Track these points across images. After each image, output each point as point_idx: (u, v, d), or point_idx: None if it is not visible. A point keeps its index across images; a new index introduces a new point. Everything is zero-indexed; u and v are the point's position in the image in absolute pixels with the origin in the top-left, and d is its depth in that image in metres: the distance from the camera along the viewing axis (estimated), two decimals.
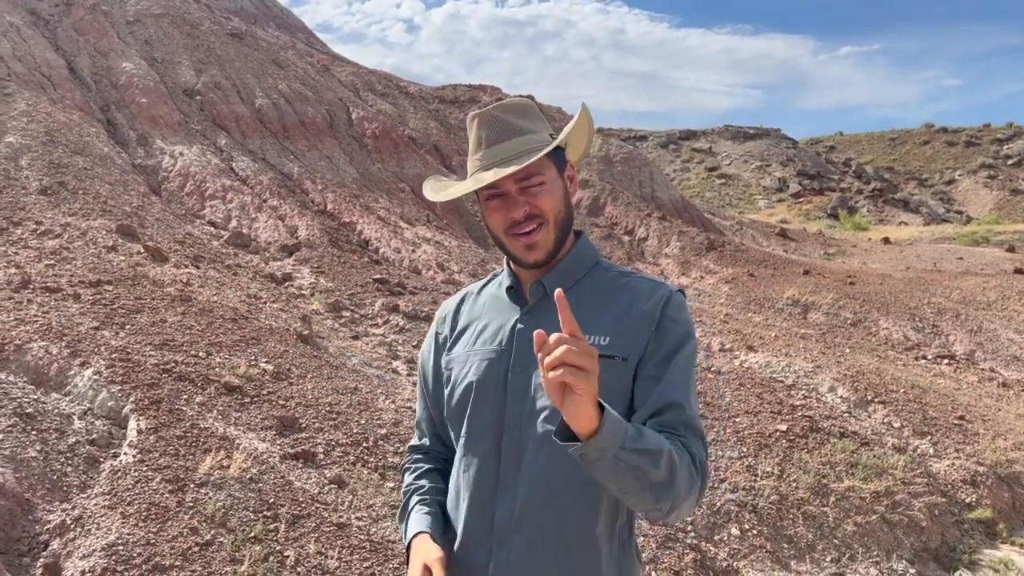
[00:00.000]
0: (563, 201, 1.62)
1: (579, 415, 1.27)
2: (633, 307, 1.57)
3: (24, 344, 4.79)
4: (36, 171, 8.35)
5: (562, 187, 1.62)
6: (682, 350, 1.54)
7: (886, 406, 6.61)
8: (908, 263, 15.98)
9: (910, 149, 46.13)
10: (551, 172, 1.60)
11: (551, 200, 1.59)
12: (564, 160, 1.65)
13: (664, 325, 1.55)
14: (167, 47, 14.05)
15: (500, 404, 1.60)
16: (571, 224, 1.64)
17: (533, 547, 1.55)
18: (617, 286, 1.62)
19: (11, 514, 3.45)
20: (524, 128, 1.61)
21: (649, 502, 1.38)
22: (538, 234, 1.58)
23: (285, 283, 8.12)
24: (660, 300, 1.57)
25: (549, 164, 1.60)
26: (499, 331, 1.65)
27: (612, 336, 1.54)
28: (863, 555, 4.71)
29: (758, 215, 29.09)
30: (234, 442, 4.22)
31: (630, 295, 1.60)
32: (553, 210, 1.59)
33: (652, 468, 1.33)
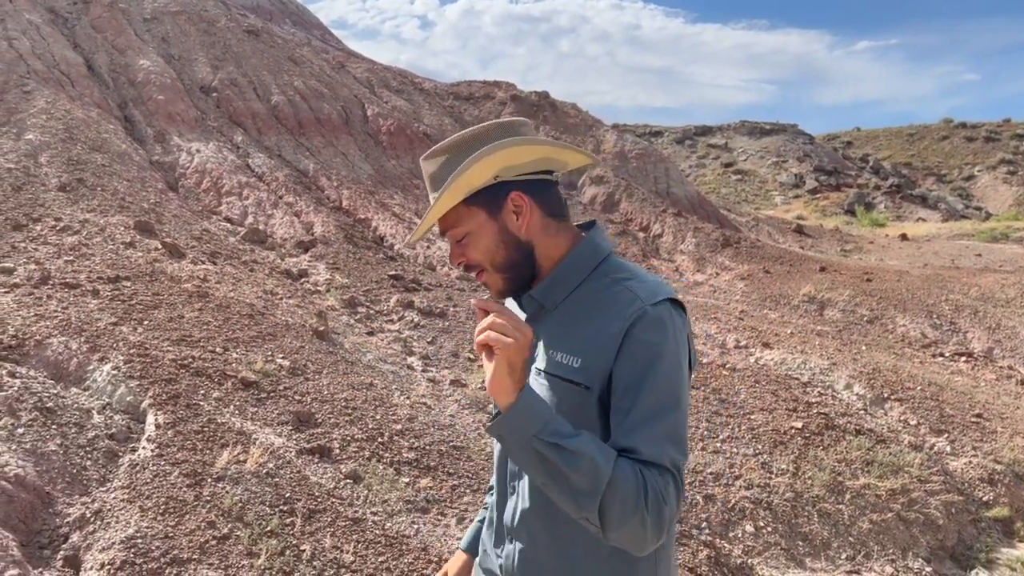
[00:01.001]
0: (497, 245, 1.52)
1: (496, 383, 1.30)
2: (607, 326, 1.45)
3: (44, 339, 4.85)
4: (55, 168, 8.42)
5: (494, 229, 1.51)
6: (649, 375, 1.39)
7: (903, 404, 6.57)
8: (926, 260, 15.86)
9: (928, 145, 45.73)
10: (477, 218, 1.51)
11: (478, 251, 1.52)
12: (503, 194, 1.51)
13: (628, 349, 1.42)
14: (184, 44, 14.13)
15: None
16: (518, 258, 1.53)
17: (533, 549, 1.56)
18: (603, 297, 1.50)
19: (32, 507, 3.49)
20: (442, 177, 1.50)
21: (572, 509, 1.33)
22: (482, 277, 1.55)
23: (301, 279, 8.16)
24: (628, 319, 1.43)
25: (472, 211, 1.50)
26: None
27: (583, 358, 1.46)
28: (879, 553, 4.69)
29: (774, 211, 28.95)
30: (251, 437, 4.26)
31: (609, 311, 1.47)
32: (485, 257, 1.52)
33: (570, 470, 1.28)
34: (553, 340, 1.51)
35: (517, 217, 1.52)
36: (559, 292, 1.54)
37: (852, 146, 47.71)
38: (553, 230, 1.56)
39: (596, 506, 1.29)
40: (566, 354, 1.47)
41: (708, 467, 5.08)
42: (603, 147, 17.95)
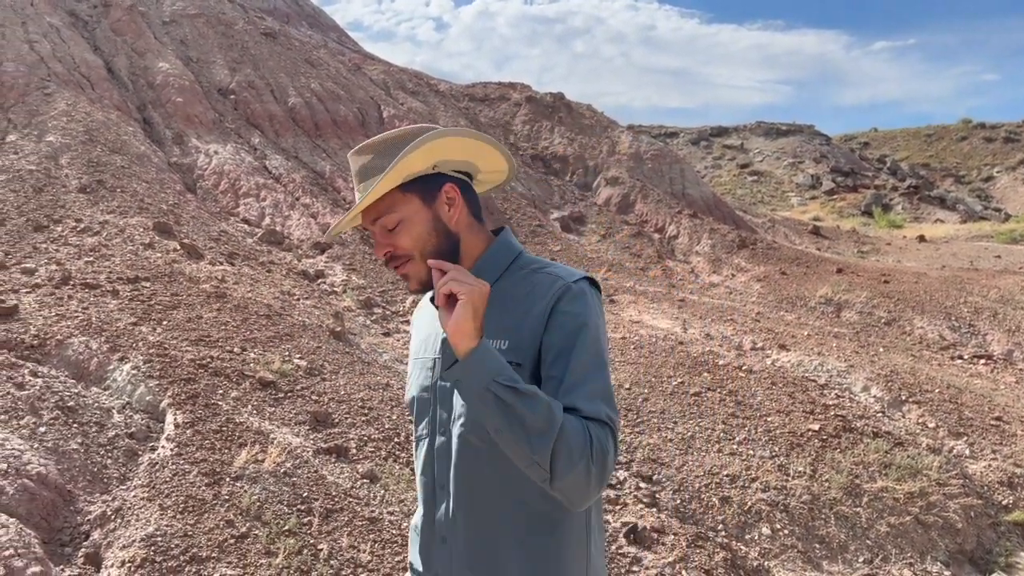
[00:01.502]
0: (429, 233, 1.58)
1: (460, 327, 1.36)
2: (531, 308, 1.55)
3: (65, 339, 4.90)
4: (75, 169, 8.51)
5: (427, 217, 1.58)
6: (577, 342, 1.51)
7: (921, 406, 6.53)
8: (944, 261, 15.73)
9: (946, 145, 45.36)
10: (411, 205, 1.58)
11: (410, 237, 1.57)
12: (435, 186, 1.59)
13: (555, 321, 1.53)
14: (202, 47, 14.24)
15: (433, 412, 1.66)
16: (450, 247, 1.60)
17: (469, 546, 1.61)
18: (523, 285, 1.61)
19: (54, 505, 3.53)
20: (372, 169, 1.56)
21: (524, 454, 1.38)
22: (406, 268, 1.60)
23: (318, 280, 8.21)
24: (553, 296, 1.54)
25: (405, 199, 1.57)
26: (434, 340, 1.69)
27: (511, 340, 1.55)
28: (896, 556, 4.66)
29: (790, 212, 28.81)
30: (268, 436, 4.29)
31: (532, 295, 1.57)
32: (416, 245, 1.58)
33: (527, 411, 1.36)
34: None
35: (449, 208, 1.60)
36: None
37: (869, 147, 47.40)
38: (476, 229, 1.66)
39: (550, 448, 1.35)
40: (493, 340, 1.52)
41: (724, 469, 5.07)
42: (618, 148, 17.92)
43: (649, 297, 10.16)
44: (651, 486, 4.82)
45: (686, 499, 4.75)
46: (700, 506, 4.70)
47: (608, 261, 12.71)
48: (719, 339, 8.04)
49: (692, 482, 4.92)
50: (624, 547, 4.12)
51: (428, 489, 1.69)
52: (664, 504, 4.65)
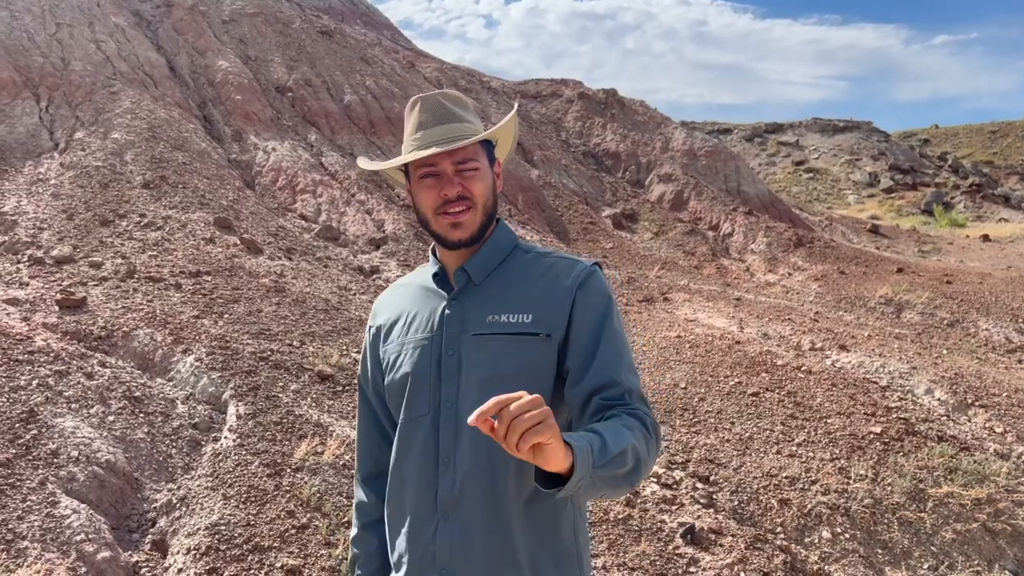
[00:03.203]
0: (491, 189, 1.71)
1: (554, 460, 1.31)
2: (554, 285, 1.66)
3: (131, 331, 5.02)
4: (139, 166, 8.72)
5: (491, 177, 1.72)
6: (607, 321, 1.63)
7: (987, 410, 6.34)
8: (1010, 262, 15.25)
9: (1012, 142, 43.99)
10: (483, 161, 1.70)
11: (482, 186, 1.67)
12: (494, 155, 1.76)
13: (584, 299, 1.64)
14: (260, 45, 14.48)
15: (435, 387, 1.67)
16: (495, 212, 1.73)
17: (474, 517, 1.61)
18: (537, 265, 1.71)
19: (122, 492, 3.63)
20: (462, 116, 1.71)
21: (626, 491, 1.50)
22: (465, 215, 1.65)
23: (373, 275, 8.29)
24: (578, 276, 1.66)
25: (482, 153, 1.70)
26: (429, 319, 1.72)
27: (534, 313, 1.63)
28: (963, 564, 4.53)
29: (848, 211, 28.22)
30: (328, 429, 4.34)
31: (550, 274, 1.68)
32: (483, 196, 1.67)
33: (622, 467, 1.42)
34: (490, 307, 1.66)
35: (497, 178, 1.76)
36: (487, 266, 1.71)
37: (930, 144, 46.19)
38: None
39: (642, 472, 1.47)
40: (513, 314, 1.63)
41: (783, 471, 4.99)
42: (672, 144, 17.75)
43: (704, 296, 10.04)
44: (708, 487, 4.76)
45: (744, 500, 4.68)
46: (758, 508, 4.63)
47: (661, 259, 12.60)
48: (777, 339, 7.91)
49: (750, 483, 4.85)
50: (681, 547, 4.07)
51: (428, 467, 1.66)
52: (721, 505, 4.59)
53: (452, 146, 1.63)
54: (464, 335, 1.66)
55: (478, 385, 1.62)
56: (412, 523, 1.68)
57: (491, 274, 1.71)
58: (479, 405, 1.46)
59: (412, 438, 1.70)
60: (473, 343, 1.65)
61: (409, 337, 1.74)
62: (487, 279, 1.70)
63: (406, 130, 1.73)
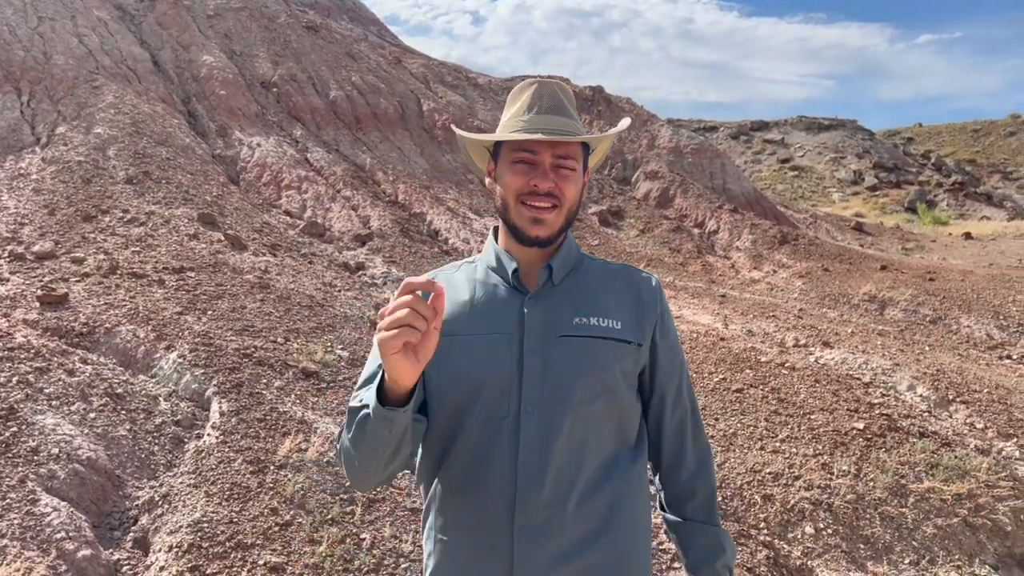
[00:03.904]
0: (580, 194, 1.66)
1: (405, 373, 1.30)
2: (637, 295, 1.68)
3: (114, 327, 4.99)
4: (123, 161, 8.65)
5: (582, 182, 1.67)
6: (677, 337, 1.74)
7: (968, 406, 6.39)
8: (991, 259, 15.38)
9: (994, 141, 44.36)
10: (580, 164, 1.64)
11: (573, 187, 1.61)
12: (587, 162, 1.72)
13: (665, 314, 1.70)
14: (245, 40, 14.39)
15: (516, 390, 1.52)
16: (575, 218, 1.68)
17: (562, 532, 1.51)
18: (611, 273, 1.71)
19: (103, 489, 3.60)
20: (571, 113, 1.66)
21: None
22: (550, 213, 1.58)
23: (358, 272, 8.26)
24: (656, 289, 1.70)
25: (581, 157, 1.65)
26: (503, 315, 1.58)
27: (623, 321, 1.62)
28: (944, 558, 4.57)
29: (832, 208, 28.38)
30: (312, 426, 4.32)
31: (628, 284, 1.69)
32: (571, 198, 1.62)
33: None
34: (575, 309, 1.61)
35: (584, 187, 1.69)
36: (566, 267, 1.67)
37: (913, 142, 46.50)
38: None
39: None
40: (602, 318, 1.61)
41: (767, 467, 5.01)
42: (658, 142, 17.78)
43: (689, 292, 10.07)
44: None
45: (728, 496, 4.70)
46: (742, 503, 4.65)
47: (647, 256, 12.63)
48: (761, 335, 7.94)
49: (734, 479, 4.87)
50: (665, 543, 4.09)
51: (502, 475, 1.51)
52: None
53: (561, 138, 1.56)
54: (550, 336, 1.56)
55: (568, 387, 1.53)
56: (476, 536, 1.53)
57: (567, 276, 1.66)
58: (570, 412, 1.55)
59: (482, 442, 1.53)
60: (560, 345, 1.55)
61: (475, 332, 1.57)
62: (563, 280, 1.65)
63: (511, 108, 1.65)
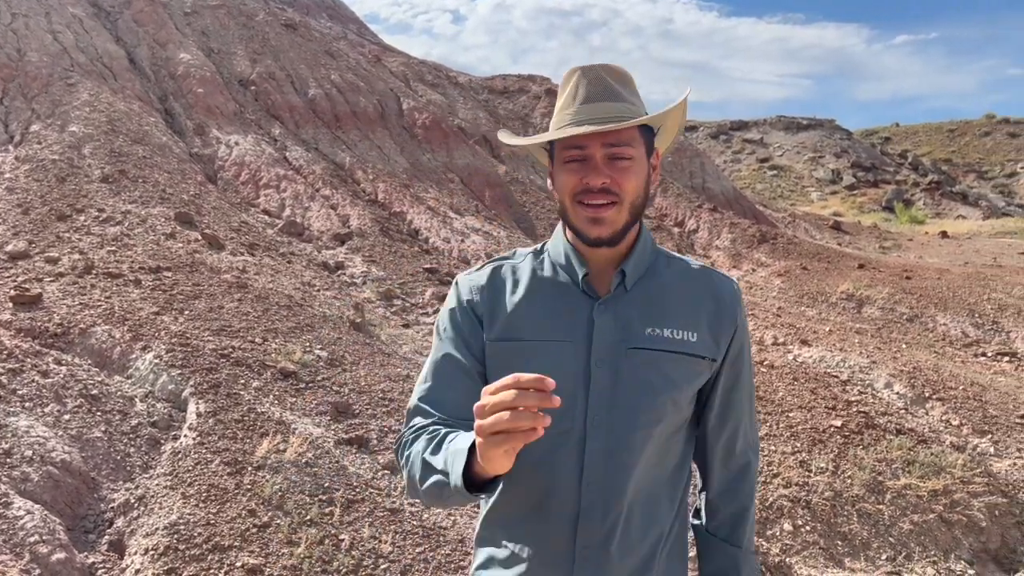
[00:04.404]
0: (644, 185, 1.47)
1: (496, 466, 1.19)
2: (717, 304, 1.52)
3: (89, 328, 4.93)
4: (98, 159, 8.56)
5: (646, 170, 1.48)
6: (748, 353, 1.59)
7: (944, 403, 6.46)
8: (967, 258, 15.57)
9: (970, 141, 44.90)
10: (640, 151, 1.46)
11: (633, 180, 1.44)
12: (653, 144, 1.51)
13: (741, 328, 1.54)
14: (223, 38, 14.28)
15: (583, 402, 1.43)
16: (643, 211, 1.50)
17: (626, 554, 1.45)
18: (687, 274, 1.54)
19: (78, 492, 3.56)
20: (623, 95, 1.45)
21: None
22: (608, 210, 1.43)
23: (337, 271, 8.22)
24: (735, 299, 1.54)
25: (640, 142, 1.46)
26: (570, 321, 1.48)
27: (699, 332, 1.48)
28: (920, 554, 4.61)
29: (811, 207, 28.59)
30: (290, 427, 4.30)
31: (708, 289, 1.53)
32: (632, 191, 1.44)
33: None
34: (648, 317, 1.47)
35: (653, 171, 1.52)
36: (639, 270, 1.51)
37: (891, 142, 46.95)
38: None
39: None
40: (677, 329, 1.47)
41: None
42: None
43: None
44: None
45: None
46: None
47: None
48: None
49: None
50: None
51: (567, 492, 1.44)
52: None
53: (607, 127, 1.38)
54: (621, 346, 1.45)
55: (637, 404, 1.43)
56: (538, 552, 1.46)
57: (640, 280, 1.50)
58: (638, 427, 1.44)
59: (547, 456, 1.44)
60: (631, 358, 1.44)
61: (539, 339, 1.47)
62: (636, 285, 1.49)
63: (559, 103, 1.49)
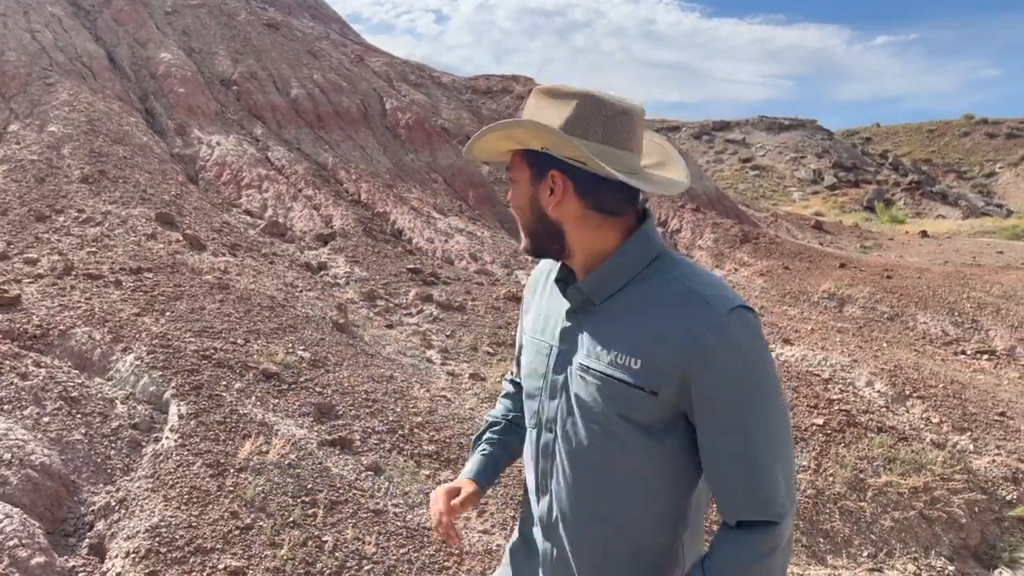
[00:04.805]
0: (527, 207, 1.51)
1: None
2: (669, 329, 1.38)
3: (68, 329, 4.88)
4: (78, 160, 8.48)
5: (529, 192, 1.49)
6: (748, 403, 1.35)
7: (924, 401, 6.52)
8: (947, 257, 15.72)
9: (949, 141, 45.33)
10: (523, 174, 1.50)
11: (517, 200, 1.53)
12: (547, 166, 1.46)
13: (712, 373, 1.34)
14: (204, 37, 14.19)
15: (540, 403, 1.57)
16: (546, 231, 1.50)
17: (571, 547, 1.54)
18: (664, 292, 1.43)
19: (58, 495, 3.52)
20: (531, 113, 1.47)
21: None
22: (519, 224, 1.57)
23: (320, 272, 8.19)
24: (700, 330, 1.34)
25: (522, 165, 1.50)
26: (550, 324, 1.59)
27: (643, 360, 1.39)
28: (901, 551, 4.65)
29: (793, 207, 28.77)
30: (272, 428, 4.27)
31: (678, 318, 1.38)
32: (518, 211, 1.54)
33: None
34: (603, 336, 1.45)
35: (551, 193, 1.47)
36: (607, 287, 1.47)
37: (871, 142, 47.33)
38: (594, 224, 1.48)
39: None
40: (621, 354, 1.41)
41: None
42: None
43: None
44: None
45: None
46: None
47: None
48: None
49: None
50: None
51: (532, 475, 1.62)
52: None
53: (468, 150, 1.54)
54: (573, 361, 1.49)
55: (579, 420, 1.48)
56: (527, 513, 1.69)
57: (616, 294, 1.46)
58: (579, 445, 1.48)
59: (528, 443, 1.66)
60: (575, 376, 1.48)
61: (535, 337, 1.62)
62: (610, 300, 1.47)
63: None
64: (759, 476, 1.36)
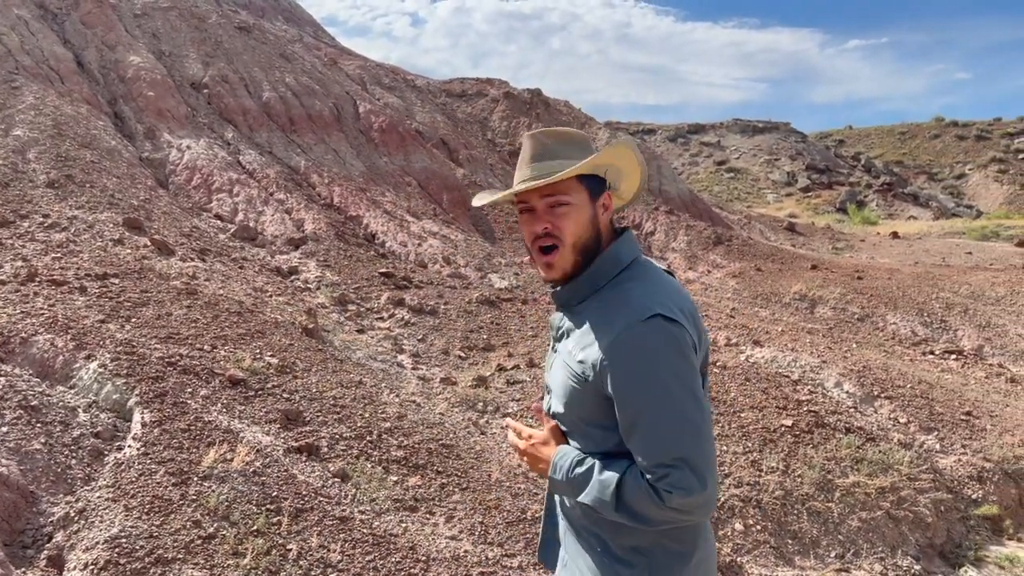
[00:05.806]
0: (587, 226, 1.73)
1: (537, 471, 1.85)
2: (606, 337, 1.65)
3: (30, 337, 4.81)
4: (44, 164, 8.37)
5: (590, 211, 1.73)
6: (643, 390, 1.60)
7: (892, 401, 6.58)
8: (917, 258, 15.90)
9: (920, 143, 45.86)
10: (580, 196, 1.72)
11: (572, 224, 1.71)
12: (601, 188, 1.76)
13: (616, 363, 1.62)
14: (175, 40, 14.06)
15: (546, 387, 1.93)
16: (595, 249, 1.74)
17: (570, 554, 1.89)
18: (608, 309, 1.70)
19: (15, 506, 3.46)
20: (561, 152, 1.74)
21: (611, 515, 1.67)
22: (554, 255, 1.73)
23: (291, 276, 8.13)
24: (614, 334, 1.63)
25: (579, 188, 1.72)
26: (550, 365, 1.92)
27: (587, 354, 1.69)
28: (868, 551, 4.69)
29: (766, 209, 28.97)
30: (238, 435, 4.23)
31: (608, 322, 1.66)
32: (573, 234, 1.71)
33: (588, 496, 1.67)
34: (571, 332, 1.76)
35: (603, 211, 1.77)
36: (578, 294, 1.76)
37: (844, 144, 47.78)
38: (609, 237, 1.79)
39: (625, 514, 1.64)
40: (577, 347, 1.71)
41: None
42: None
43: None
44: None
45: None
46: None
47: None
48: None
49: None
50: None
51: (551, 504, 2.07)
52: None
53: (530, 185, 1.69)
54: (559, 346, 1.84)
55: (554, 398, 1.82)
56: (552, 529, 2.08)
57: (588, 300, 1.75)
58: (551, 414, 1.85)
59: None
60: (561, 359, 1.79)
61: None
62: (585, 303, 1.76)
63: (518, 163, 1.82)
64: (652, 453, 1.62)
